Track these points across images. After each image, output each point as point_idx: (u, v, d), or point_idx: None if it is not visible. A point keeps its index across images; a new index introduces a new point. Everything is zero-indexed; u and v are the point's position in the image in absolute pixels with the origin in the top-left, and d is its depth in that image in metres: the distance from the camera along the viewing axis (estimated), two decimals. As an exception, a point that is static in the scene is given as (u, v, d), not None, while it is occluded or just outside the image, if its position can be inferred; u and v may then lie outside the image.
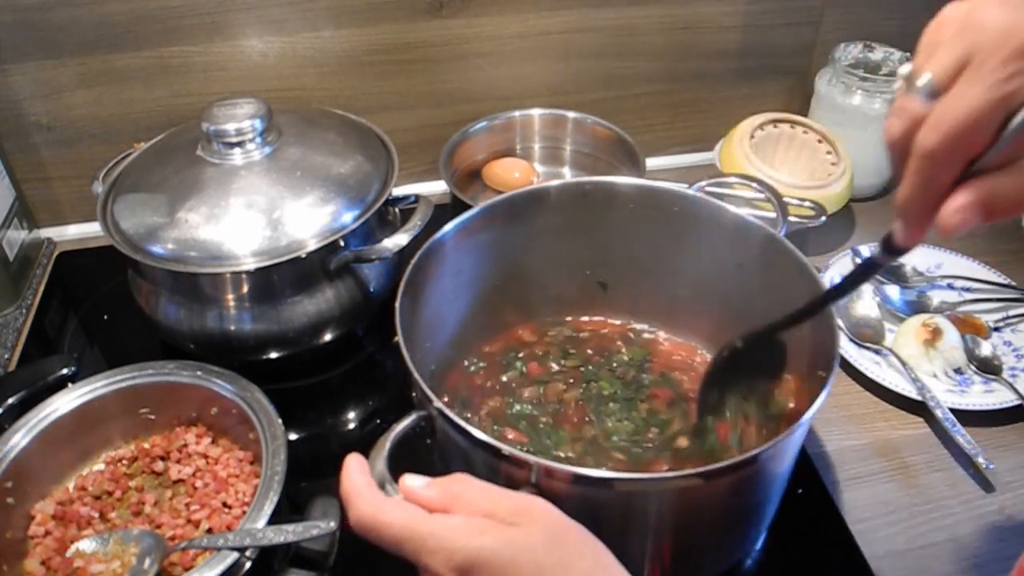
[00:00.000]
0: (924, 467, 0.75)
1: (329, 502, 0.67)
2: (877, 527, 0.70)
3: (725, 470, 0.52)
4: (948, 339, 0.82)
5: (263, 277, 0.74)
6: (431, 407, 0.55)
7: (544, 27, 1.03)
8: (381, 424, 0.81)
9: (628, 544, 0.56)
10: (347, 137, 0.84)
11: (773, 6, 1.08)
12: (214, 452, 0.70)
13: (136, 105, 0.99)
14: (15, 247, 0.95)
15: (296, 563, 0.65)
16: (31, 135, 0.98)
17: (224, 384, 0.70)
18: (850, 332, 0.86)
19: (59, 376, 0.76)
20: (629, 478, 0.55)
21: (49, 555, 0.63)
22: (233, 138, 0.77)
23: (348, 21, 0.98)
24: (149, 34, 0.94)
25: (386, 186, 0.80)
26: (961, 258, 0.95)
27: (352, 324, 0.82)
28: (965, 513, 0.71)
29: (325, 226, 0.75)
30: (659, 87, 1.12)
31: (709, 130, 1.13)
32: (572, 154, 1.09)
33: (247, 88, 0.99)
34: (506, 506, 0.44)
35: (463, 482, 0.46)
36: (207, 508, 0.65)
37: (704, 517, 0.57)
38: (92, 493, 0.68)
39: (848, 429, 0.79)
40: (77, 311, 0.95)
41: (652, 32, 1.07)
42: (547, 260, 0.78)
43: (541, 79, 1.08)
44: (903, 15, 1.11)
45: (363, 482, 0.46)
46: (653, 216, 0.74)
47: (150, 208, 0.76)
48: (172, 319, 0.77)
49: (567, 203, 0.75)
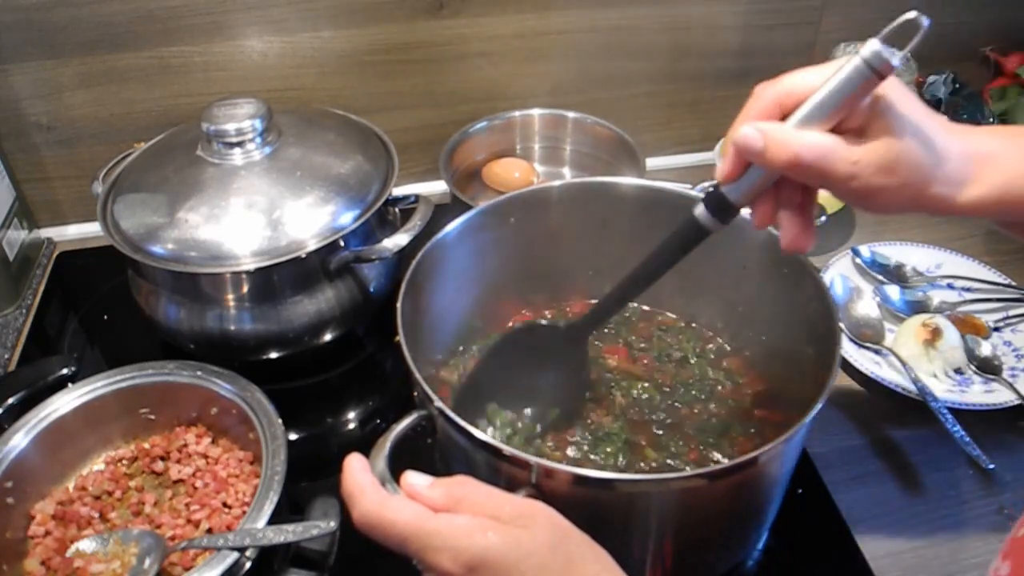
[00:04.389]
0: (924, 467, 0.75)
1: (329, 502, 0.67)
2: (877, 527, 0.70)
3: (726, 471, 0.52)
4: (948, 339, 0.82)
5: (263, 277, 0.74)
6: (432, 407, 0.55)
7: (544, 27, 1.03)
8: (381, 424, 0.81)
9: (629, 545, 0.56)
10: (347, 137, 0.84)
11: (773, 6, 1.08)
12: (214, 452, 0.70)
13: (136, 105, 0.99)
14: (15, 247, 0.95)
15: (296, 563, 0.65)
16: (31, 135, 0.98)
17: (224, 384, 0.70)
18: (850, 332, 0.86)
19: (59, 376, 0.76)
20: (630, 479, 0.55)
21: (49, 555, 0.63)
22: (233, 138, 0.77)
23: (348, 21, 0.98)
24: (149, 34, 0.94)
25: (386, 186, 0.80)
26: (961, 258, 0.95)
27: (352, 324, 0.82)
28: (965, 513, 0.71)
29: (325, 226, 0.75)
30: (659, 87, 1.12)
31: (709, 130, 1.13)
32: (572, 154, 1.09)
33: (247, 88, 0.99)
34: (509, 510, 0.44)
35: (466, 484, 0.46)
36: (207, 508, 0.65)
37: (705, 518, 0.57)
38: (92, 493, 0.68)
39: (848, 429, 0.79)
40: (77, 311, 0.95)
41: (652, 32, 1.07)
42: (548, 260, 0.78)
43: (541, 79, 1.08)
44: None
45: (366, 480, 0.46)
46: (655, 217, 0.74)
47: (150, 208, 0.76)
48: (172, 319, 0.77)
49: (568, 203, 0.75)
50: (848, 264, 0.94)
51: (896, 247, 0.96)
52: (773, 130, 0.48)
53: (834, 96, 0.47)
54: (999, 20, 1.17)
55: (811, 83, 0.48)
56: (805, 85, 0.48)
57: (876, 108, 0.48)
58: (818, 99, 0.47)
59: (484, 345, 0.77)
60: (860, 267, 0.94)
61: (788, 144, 0.48)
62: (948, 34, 1.15)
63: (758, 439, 0.69)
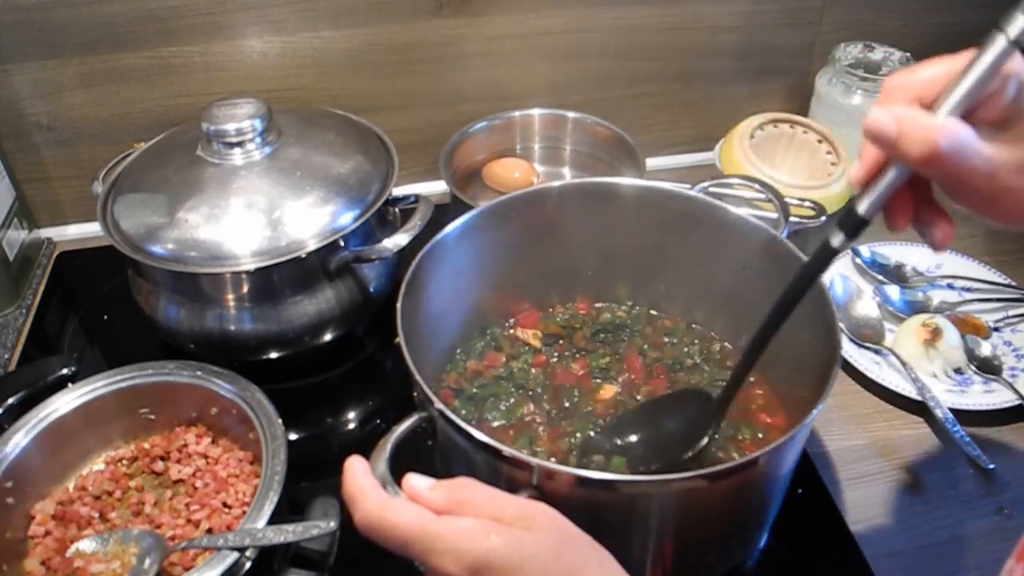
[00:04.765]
0: (924, 467, 0.75)
1: (329, 502, 0.67)
2: (877, 527, 0.70)
3: (727, 472, 0.52)
4: (948, 339, 0.82)
5: (263, 277, 0.74)
6: (432, 408, 0.55)
7: (544, 27, 1.03)
8: (381, 424, 0.81)
9: (630, 546, 0.56)
10: (347, 137, 0.84)
11: (773, 6, 1.08)
12: (214, 452, 0.70)
13: (136, 105, 0.99)
14: (15, 247, 0.95)
15: (296, 563, 0.65)
16: (31, 135, 0.98)
17: (224, 384, 0.70)
18: (850, 332, 0.86)
19: (59, 376, 0.76)
20: (631, 480, 0.55)
21: (49, 555, 0.63)
22: (233, 138, 0.77)
23: (348, 21, 0.98)
24: (149, 34, 0.94)
25: (386, 186, 0.80)
26: (961, 258, 0.95)
27: (352, 324, 0.82)
28: (965, 513, 0.71)
29: (325, 226, 0.75)
30: (659, 87, 1.12)
31: (709, 130, 1.13)
32: (572, 154, 1.09)
33: (247, 88, 0.99)
34: (512, 512, 0.44)
35: (468, 486, 0.46)
36: (207, 508, 0.65)
37: (706, 519, 0.57)
38: (92, 493, 0.68)
39: (848, 429, 0.79)
40: (77, 311, 0.95)
41: (652, 32, 1.07)
42: (548, 261, 0.78)
43: (541, 79, 1.08)
44: (903, 15, 1.11)
45: (368, 482, 0.46)
46: (655, 217, 0.74)
47: (150, 208, 0.76)
48: (172, 319, 0.77)
49: (568, 204, 0.75)
50: (848, 264, 0.94)
51: (896, 247, 0.96)
52: (909, 116, 0.42)
53: (979, 84, 0.42)
54: (999, 20, 1.16)
55: (950, 71, 0.43)
56: (945, 73, 0.43)
57: (1020, 101, 0.43)
58: (965, 87, 0.42)
59: (485, 345, 0.77)
60: (860, 267, 0.94)
61: (927, 132, 0.41)
62: (949, 34, 1.14)
63: (762, 440, 0.69)
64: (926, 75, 0.44)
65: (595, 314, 0.81)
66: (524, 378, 0.74)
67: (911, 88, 0.44)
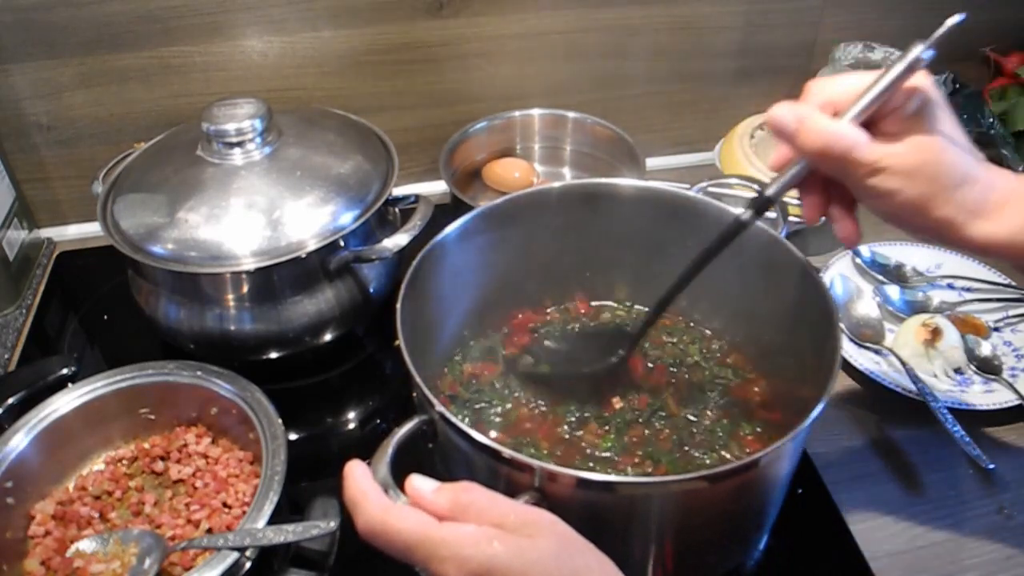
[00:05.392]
0: (924, 467, 0.75)
1: (329, 502, 0.67)
2: (877, 527, 0.70)
3: (728, 473, 0.52)
4: (948, 339, 0.82)
5: (263, 277, 0.74)
6: (432, 411, 0.55)
7: (544, 27, 1.03)
8: (381, 424, 0.81)
9: (631, 547, 0.56)
10: (347, 137, 0.84)
11: (773, 6, 1.08)
12: (214, 452, 0.70)
13: (136, 105, 0.99)
14: (15, 247, 0.95)
15: (296, 563, 0.65)
16: (31, 135, 0.98)
17: (224, 384, 0.70)
18: (850, 332, 0.86)
19: (59, 376, 0.76)
20: (632, 482, 0.55)
21: (49, 555, 0.63)
22: (233, 138, 0.77)
23: (348, 21, 0.98)
24: (149, 34, 0.94)
25: (386, 186, 0.80)
26: (961, 258, 0.95)
27: (352, 324, 0.82)
28: (965, 513, 0.71)
29: (325, 226, 0.75)
30: (659, 87, 1.12)
31: (709, 130, 1.13)
32: (572, 154, 1.09)
33: (247, 88, 0.99)
34: (514, 518, 0.44)
35: (471, 491, 0.46)
36: (207, 508, 0.65)
37: (707, 520, 0.57)
38: (92, 493, 0.68)
39: (848, 429, 0.79)
40: (77, 311, 0.95)
41: (652, 32, 1.07)
42: (548, 261, 0.78)
43: (541, 79, 1.08)
44: (903, 15, 1.11)
45: (369, 487, 0.46)
46: (655, 218, 0.74)
47: (150, 208, 0.76)
48: (172, 319, 0.77)
49: (568, 204, 0.75)
50: (848, 264, 0.94)
51: (896, 247, 0.96)
52: (808, 115, 0.50)
53: (878, 98, 0.49)
54: (999, 20, 1.17)
55: (863, 83, 0.50)
56: (860, 84, 0.50)
57: (916, 117, 0.49)
58: (867, 99, 0.49)
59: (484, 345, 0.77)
60: (860, 267, 0.94)
61: (821, 131, 0.49)
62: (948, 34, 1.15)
63: (764, 439, 0.69)
64: (844, 84, 0.51)
65: (595, 314, 0.81)
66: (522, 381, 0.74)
67: (826, 93, 0.51)
